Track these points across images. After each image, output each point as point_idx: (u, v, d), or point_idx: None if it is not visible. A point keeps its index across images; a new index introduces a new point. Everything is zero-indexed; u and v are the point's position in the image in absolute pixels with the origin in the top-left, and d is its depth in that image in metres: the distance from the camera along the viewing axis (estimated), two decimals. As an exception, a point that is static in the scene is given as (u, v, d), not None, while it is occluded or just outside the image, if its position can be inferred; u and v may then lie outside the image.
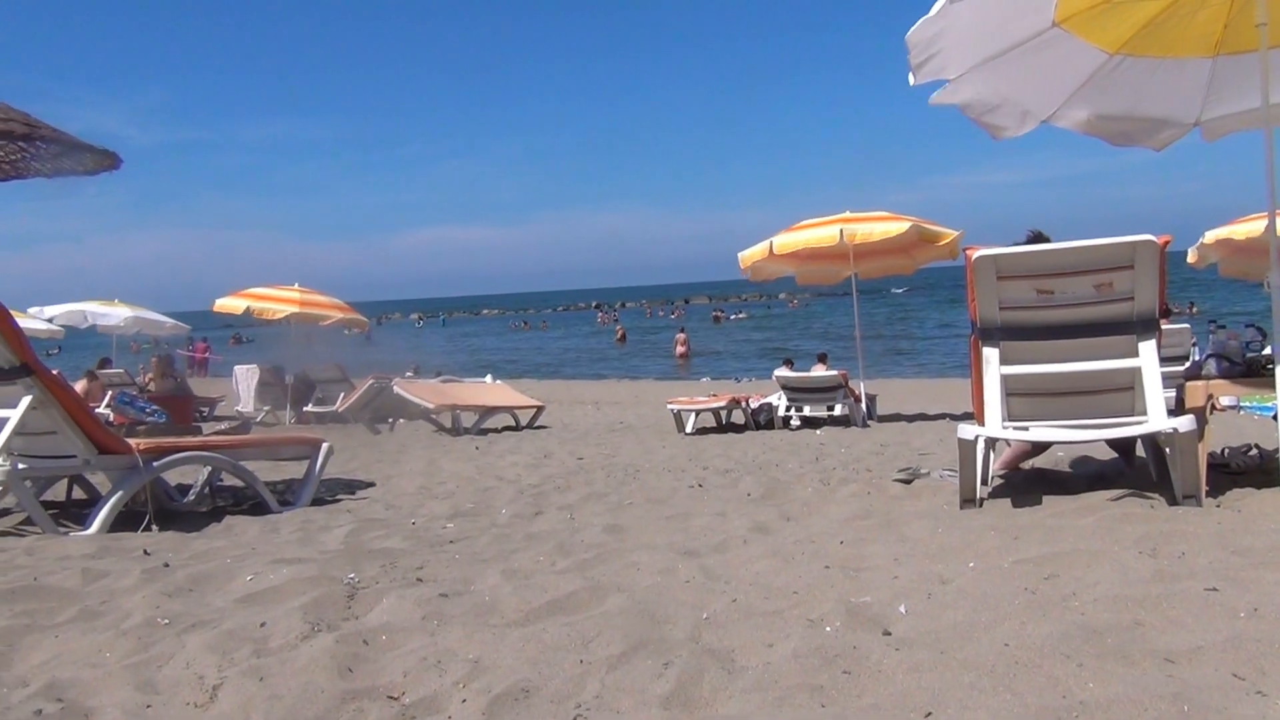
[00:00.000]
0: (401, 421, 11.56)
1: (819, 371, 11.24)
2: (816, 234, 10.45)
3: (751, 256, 10.96)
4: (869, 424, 10.15)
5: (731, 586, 2.82)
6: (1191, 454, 3.56)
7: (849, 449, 7.38)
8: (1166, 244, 3.78)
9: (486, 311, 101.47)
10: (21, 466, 4.42)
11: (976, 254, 3.91)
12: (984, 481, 4.21)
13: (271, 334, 19.55)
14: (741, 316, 57.93)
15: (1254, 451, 4.38)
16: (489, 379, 13.12)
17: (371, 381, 12.03)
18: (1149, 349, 3.84)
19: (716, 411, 10.52)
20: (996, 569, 2.77)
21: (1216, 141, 4.89)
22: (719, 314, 59.87)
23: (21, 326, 4.48)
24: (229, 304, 14.31)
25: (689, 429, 9.85)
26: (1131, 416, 4.02)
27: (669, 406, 10.48)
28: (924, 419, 10.67)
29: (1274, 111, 3.94)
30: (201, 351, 31.18)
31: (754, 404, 10.56)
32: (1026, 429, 4.11)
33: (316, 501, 5.23)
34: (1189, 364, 5.42)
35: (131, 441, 4.72)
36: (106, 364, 15.91)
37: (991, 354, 3.98)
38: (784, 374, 10.83)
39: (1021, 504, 3.86)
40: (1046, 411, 4.19)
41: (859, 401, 10.34)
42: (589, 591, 2.77)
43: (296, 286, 14.65)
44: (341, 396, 12.96)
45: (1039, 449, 4.79)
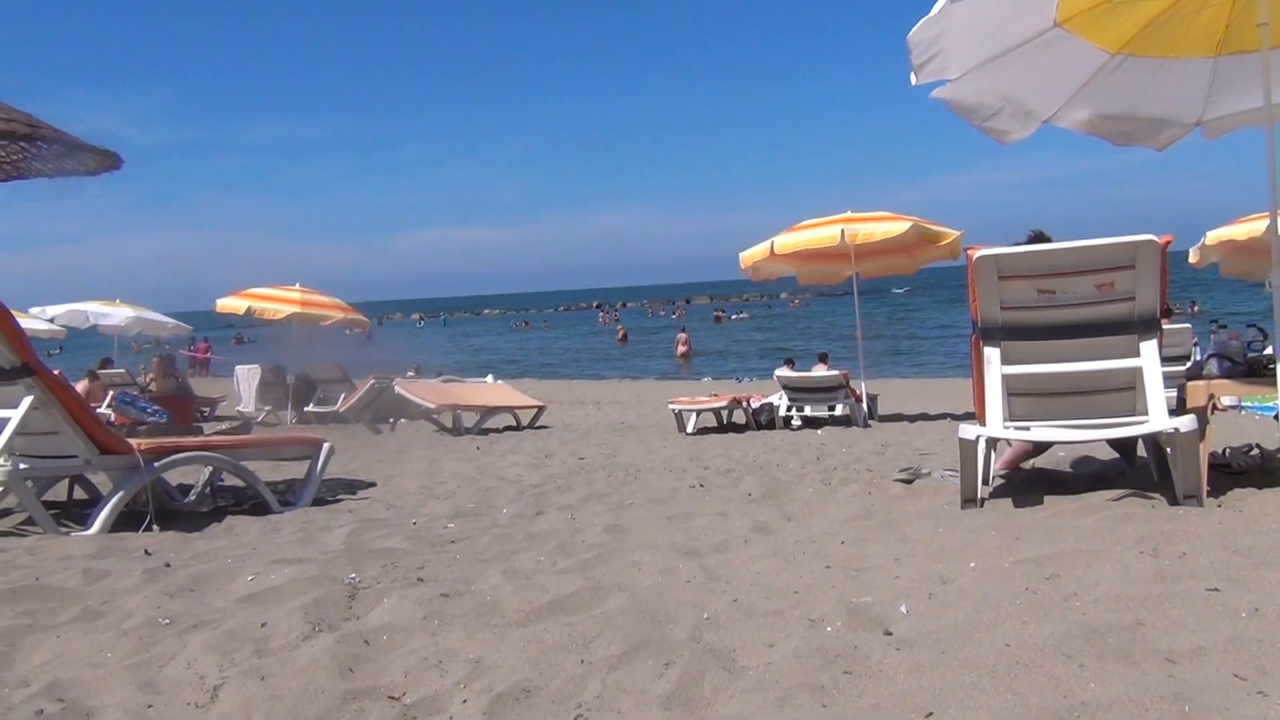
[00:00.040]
0: (403, 421, 11.57)
1: (820, 371, 11.24)
2: (817, 234, 10.45)
3: (752, 257, 10.97)
4: (870, 424, 10.15)
5: (732, 586, 2.82)
6: (1193, 454, 3.56)
7: (850, 449, 7.38)
8: (1168, 244, 3.78)
9: (488, 311, 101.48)
10: (23, 466, 4.42)
11: (978, 254, 3.91)
12: (985, 481, 4.20)
13: (273, 334, 19.56)
14: (743, 316, 57.90)
15: (1255, 451, 4.37)
16: (490, 379, 13.13)
17: (373, 381, 12.04)
18: (1150, 349, 3.84)
19: (717, 411, 10.53)
20: (998, 569, 2.77)
21: (1217, 141, 4.89)
22: (720, 314, 59.85)
23: (23, 326, 4.49)
24: (230, 304, 14.33)
25: (690, 429, 9.85)
26: (1133, 416, 4.01)
27: (670, 406, 10.48)
28: (925, 419, 10.68)
29: (1275, 111, 3.94)
30: (203, 352, 31.21)
31: (755, 404, 10.57)
32: (1028, 429, 4.11)
33: (317, 501, 5.23)
34: (1190, 364, 5.42)
35: (132, 441, 4.72)
36: (108, 364, 15.93)
37: (993, 354, 3.98)
38: (785, 374, 10.84)
39: (1023, 504, 3.86)
40: (1048, 411, 4.19)
41: (860, 401, 10.35)
42: (590, 591, 2.77)
43: (298, 286, 14.67)
44: (343, 396, 12.98)
45: (1040, 449, 4.79)
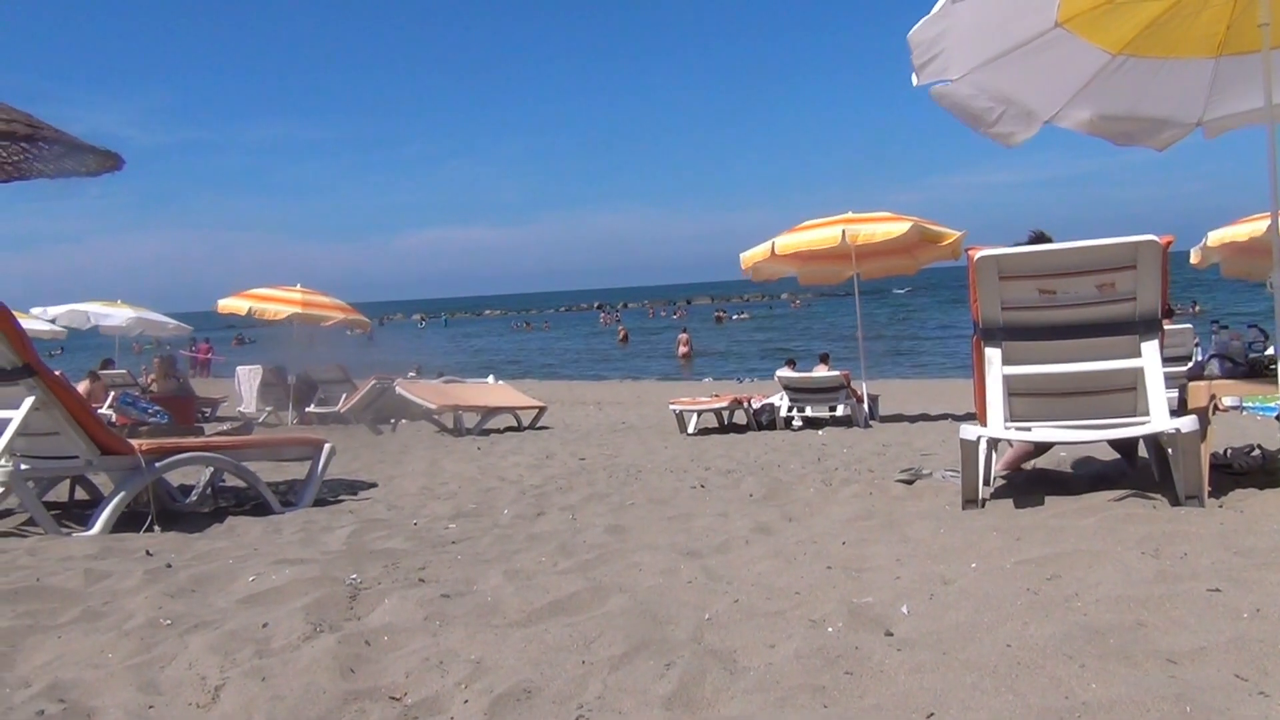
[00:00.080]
0: (404, 422, 11.57)
1: (821, 372, 11.23)
2: (818, 235, 10.44)
3: (753, 257, 10.96)
4: (871, 424, 10.15)
5: (734, 587, 2.82)
6: (1194, 454, 3.56)
7: (851, 449, 7.37)
8: (1169, 244, 3.78)
9: (488, 312, 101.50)
10: (24, 467, 4.42)
11: (979, 254, 3.91)
12: (986, 482, 4.20)
13: (274, 335, 19.57)
14: (744, 317, 57.89)
15: (1257, 452, 4.37)
16: (491, 380, 13.14)
17: (374, 382, 12.05)
18: (1151, 349, 3.83)
19: (718, 412, 10.53)
20: (999, 569, 2.77)
21: (1218, 141, 4.89)
22: (721, 314, 59.84)
23: (24, 327, 4.49)
24: (231, 304, 14.34)
25: (691, 429, 9.85)
26: (1134, 417, 4.01)
27: (671, 407, 10.47)
28: (926, 419, 10.67)
29: (1276, 111, 3.93)
30: (204, 352, 31.24)
31: (756, 404, 10.56)
32: (1029, 429, 4.11)
33: (318, 502, 5.24)
34: (1191, 364, 5.41)
35: (134, 442, 4.72)
36: (109, 365, 15.93)
37: (994, 354, 3.97)
38: (786, 374, 10.83)
39: (1024, 504, 3.86)
40: (1049, 412, 4.18)
41: (861, 402, 10.34)
42: (591, 592, 2.77)
43: (299, 287, 14.68)
44: (344, 397, 12.98)
45: (1041, 449, 4.78)
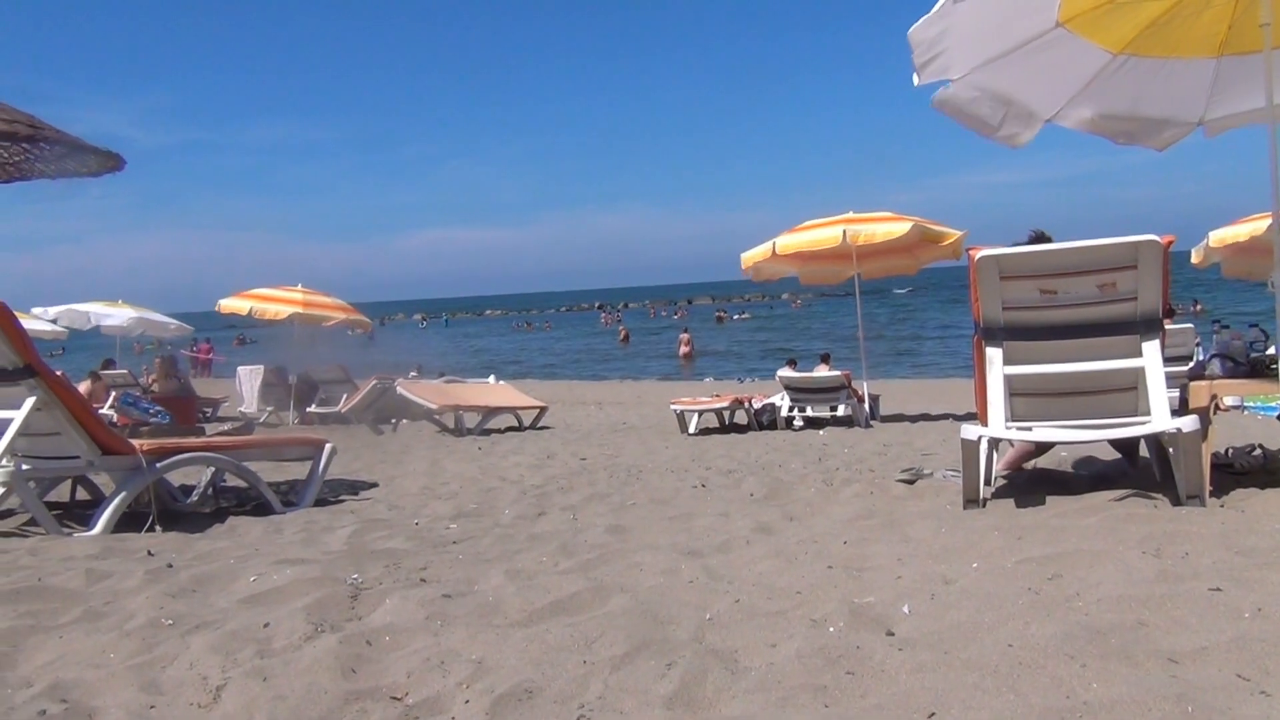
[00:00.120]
0: (404, 422, 11.57)
1: (822, 372, 11.23)
2: (819, 235, 10.45)
3: (754, 257, 10.97)
4: (872, 424, 10.15)
5: (735, 587, 2.82)
6: (1195, 454, 3.55)
7: (852, 449, 7.37)
8: (1170, 244, 3.77)
9: (489, 312, 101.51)
10: (25, 467, 4.43)
11: (979, 254, 3.90)
12: (987, 482, 4.20)
13: (275, 335, 19.58)
14: (744, 317, 57.89)
15: (1258, 452, 4.37)
16: (492, 380, 13.15)
17: (375, 382, 12.05)
18: (1152, 349, 3.83)
19: (719, 412, 10.53)
20: (1000, 569, 2.77)
21: (1218, 140, 4.89)
22: (722, 314, 59.83)
23: (25, 327, 4.49)
24: (232, 304, 14.35)
25: (692, 429, 9.85)
26: (1135, 417, 4.01)
27: (672, 407, 10.47)
28: (927, 419, 10.67)
29: (1278, 112, 3.93)
30: (205, 352, 31.26)
31: (757, 404, 10.56)
32: (1030, 429, 4.11)
33: (320, 502, 5.23)
34: (1193, 364, 5.41)
35: (135, 442, 4.73)
36: (110, 365, 15.94)
37: (995, 354, 3.97)
38: (787, 374, 10.83)
39: (1025, 504, 3.86)
40: (1050, 412, 4.18)
41: (862, 402, 10.35)
42: (592, 592, 2.77)
43: (299, 287, 14.69)
44: (345, 397, 12.99)
45: (1042, 449, 4.78)
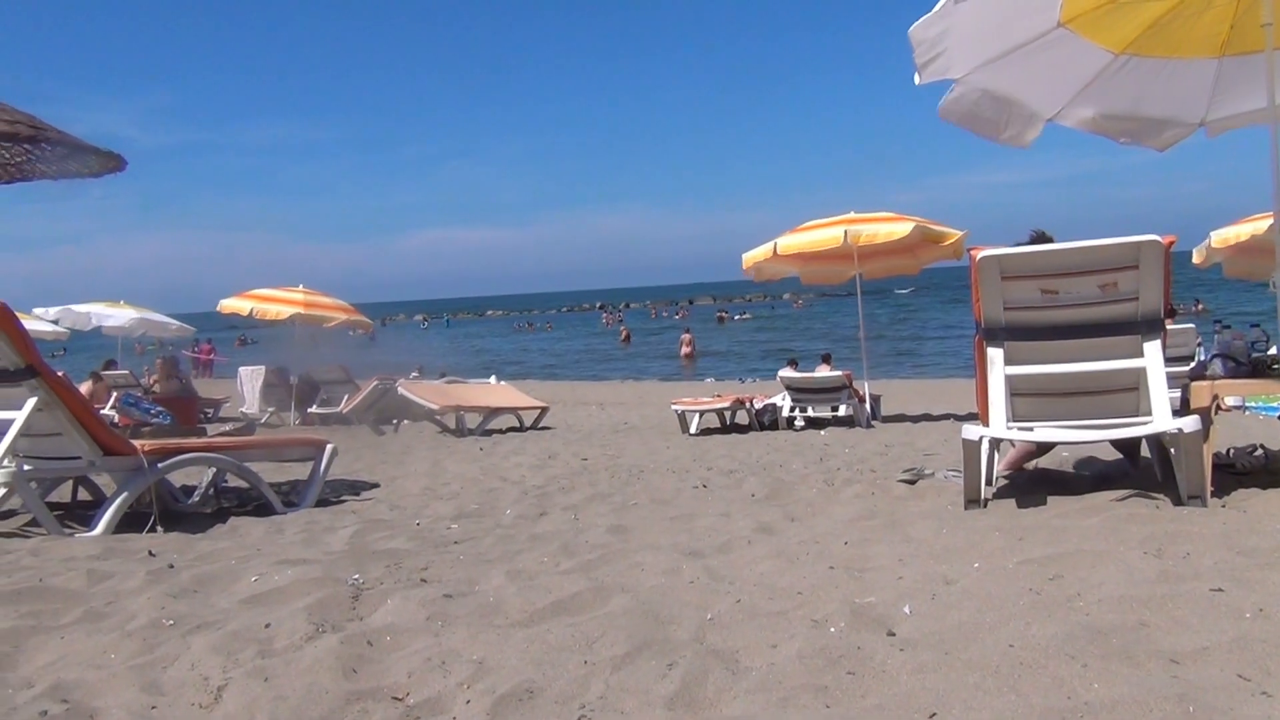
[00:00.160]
0: (406, 422, 11.58)
1: (823, 372, 11.23)
2: (821, 235, 10.44)
3: (755, 257, 10.96)
4: (873, 424, 10.14)
5: (736, 587, 2.82)
6: (1196, 454, 3.55)
7: (853, 449, 7.37)
8: (1171, 244, 3.77)
9: (491, 313, 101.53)
10: (27, 468, 4.43)
11: (981, 254, 3.90)
12: (988, 482, 4.19)
13: (276, 335, 19.60)
14: (746, 317, 57.88)
15: (1259, 452, 4.37)
16: (493, 380, 13.15)
17: (376, 383, 12.05)
18: (1154, 349, 3.82)
19: (721, 412, 10.53)
20: (1001, 569, 2.77)
21: (1220, 140, 4.89)
22: (723, 314, 59.81)
23: (26, 328, 4.50)
24: (233, 305, 14.36)
25: (693, 430, 9.85)
26: (1136, 417, 4.00)
27: (673, 407, 10.47)
28: (928, 419, 10.66)
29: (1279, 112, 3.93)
30: (206, 353, 31.27)
31: (758, 405, 10.56)
32: (1031, 429, 4.10)
33: (321, 503, 5.24)
34: (1194, 364, 5.40)
35: (136, 443, 4.73)
36: (112, 365, 15.95)
37: (996, 354, 3.97)
38: (788, 374, 10.82)
39: (1026, 504, 3.86)
40: (1051, 412, 4.18)
41: (863, 402, 10.34)
42: (593, 592, 2.77)
43: (301, 288, 14.70)
44: (346, 398, 12.99)
45: (1043, 449, 4.78)
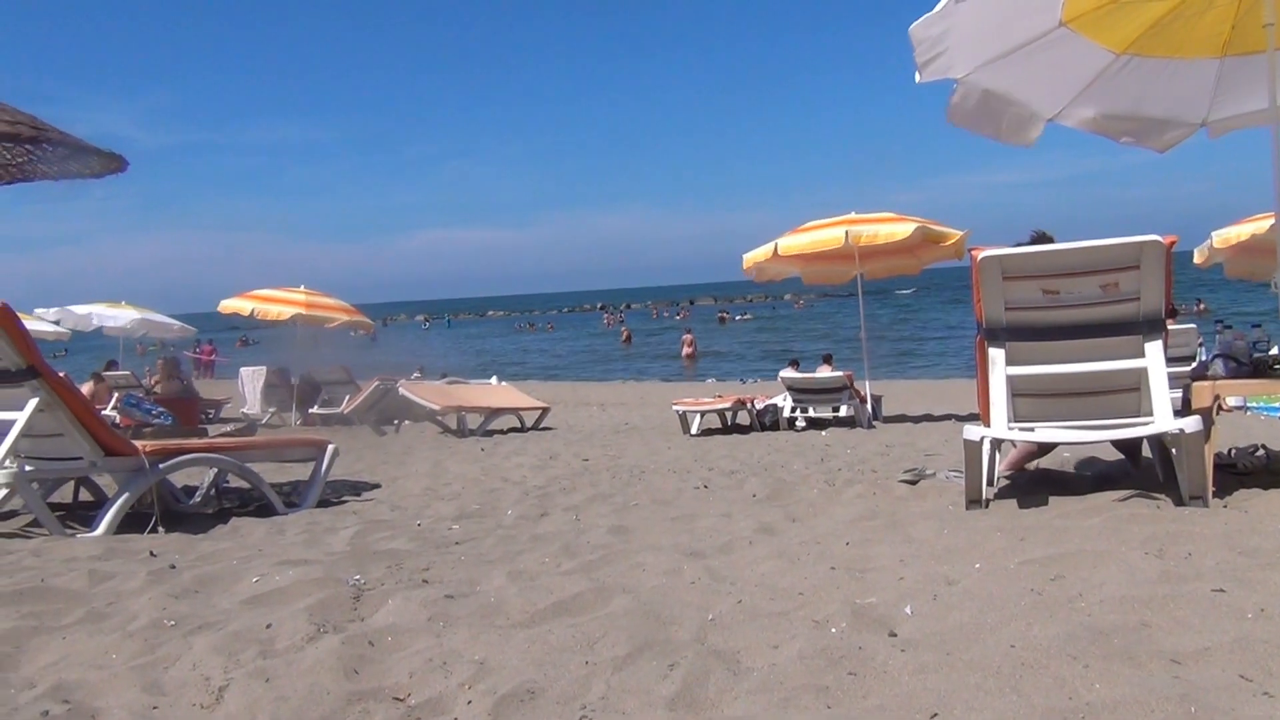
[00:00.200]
0: (407, 423, 11.58)
1: (824, 372, 11.22)
2: (822, 235, 10.44)
3: (756, 258, 10.96)
4: (874, 425, 10.14)
5: (737, 588, 2.82)
6: (1198, 454, 3.55)
7: (854, 450, 7.37)
8: (1172, 244, 3.77)
9: (492, 313, 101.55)
10: (28, 469, 4.44)
11: (982, 254, 3.90)
12: (990, 482, 4.19)
13: (277, 336, 19.61)
14: (746, 317, 57.87)
15: (1261, 452, 4.37)
16: (494, 380, 13.15)
17: (377, 383, 12.06)
18: (1155, 349, 3.82)
19: (722, 413, 10.52)
20: (1002, 570, 2.77)
21: (1221, 140, 4.88)
22: (724, 315, 59.80)
23: (28, 329, 4.50)
24: (234, 305, 14.37)
25: (694, 430, 9.85)
26: (1137, 417, 4.00)
27: (674, 408, 10.47)
28: (929, 420, 10.66)
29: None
30: (207, 353, 31.29)
31: (759, 405, 10.56)
32: (1032, 430, 4.10)
33: (322, 503, 5.24)
34: (1195, 364, 5.40)
35: (138, 443, 4.73)
36: (113, 366, 15.97)
37: (997, 355, 3.97)
38: (789, 375, 10.82)
39: (1027, 505, 3.86)
40: (1052, 412, 4.18)
41: (864, 402, 10.33)
42: (594, 593, 2.77)
43: (302, 288, 14.71)
44: (347, 398, 12.99)
45: (1045, 450, 4.78)
